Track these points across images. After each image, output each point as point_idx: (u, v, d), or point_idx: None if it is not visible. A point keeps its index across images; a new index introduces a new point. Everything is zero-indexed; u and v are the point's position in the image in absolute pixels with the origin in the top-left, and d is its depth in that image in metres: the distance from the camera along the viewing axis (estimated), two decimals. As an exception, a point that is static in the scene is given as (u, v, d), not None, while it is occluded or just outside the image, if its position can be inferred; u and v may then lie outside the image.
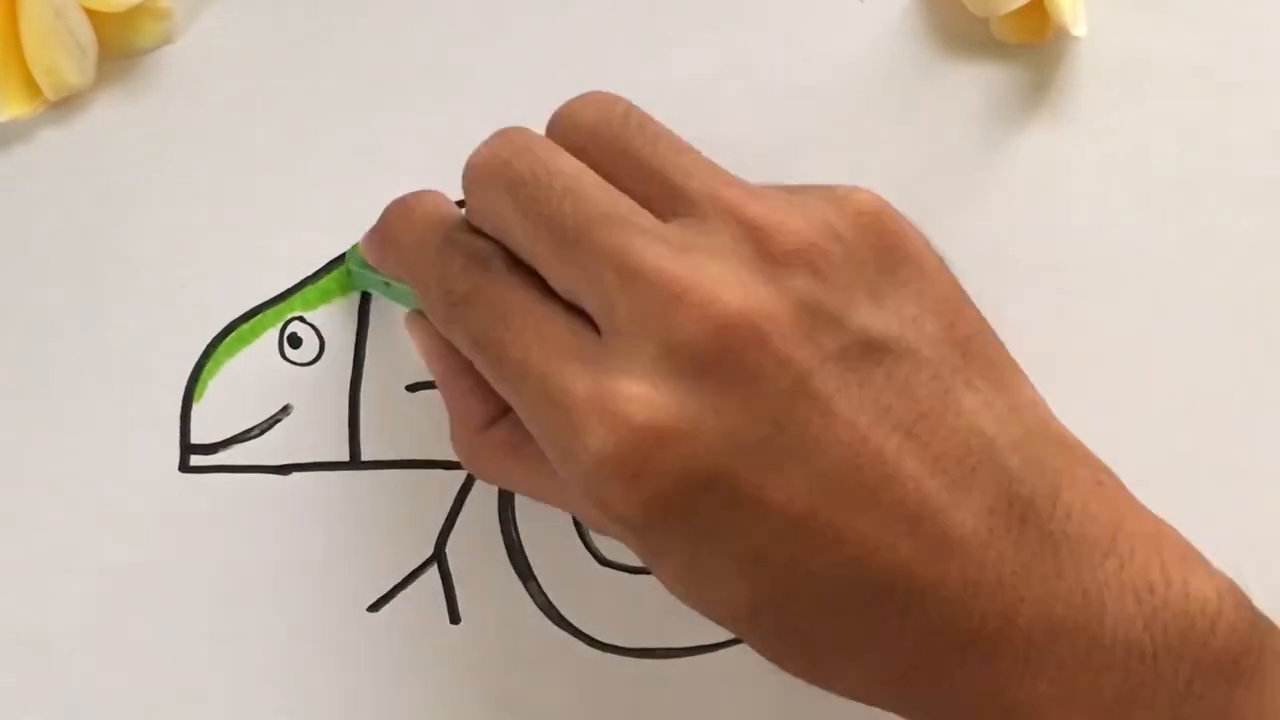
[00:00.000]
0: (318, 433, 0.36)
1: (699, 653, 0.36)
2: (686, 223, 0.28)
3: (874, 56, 0.37)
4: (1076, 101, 0.37)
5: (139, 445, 0.36)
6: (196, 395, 0.36)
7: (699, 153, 0.30)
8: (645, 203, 0.29)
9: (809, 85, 0.37)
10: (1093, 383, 0.36)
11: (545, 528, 0.36)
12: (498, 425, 0.32)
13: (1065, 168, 0.37)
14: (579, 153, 0.30)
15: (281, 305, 0.36)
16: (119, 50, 0.36)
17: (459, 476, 0.36)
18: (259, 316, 0.36)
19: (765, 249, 0.27)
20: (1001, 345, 0.30)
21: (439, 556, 0.36)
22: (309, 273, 0.37)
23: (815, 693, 0.36)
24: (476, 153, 0.30)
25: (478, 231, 0.30)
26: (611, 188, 0.29)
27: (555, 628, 0.36)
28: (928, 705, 0.28)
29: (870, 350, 0.27)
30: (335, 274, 0.36)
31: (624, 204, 0.28)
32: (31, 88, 0.36)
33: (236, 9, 0.37)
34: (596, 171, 0.29)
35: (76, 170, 0.36)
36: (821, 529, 0.26)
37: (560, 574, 0.36)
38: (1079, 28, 0.35)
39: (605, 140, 0.30)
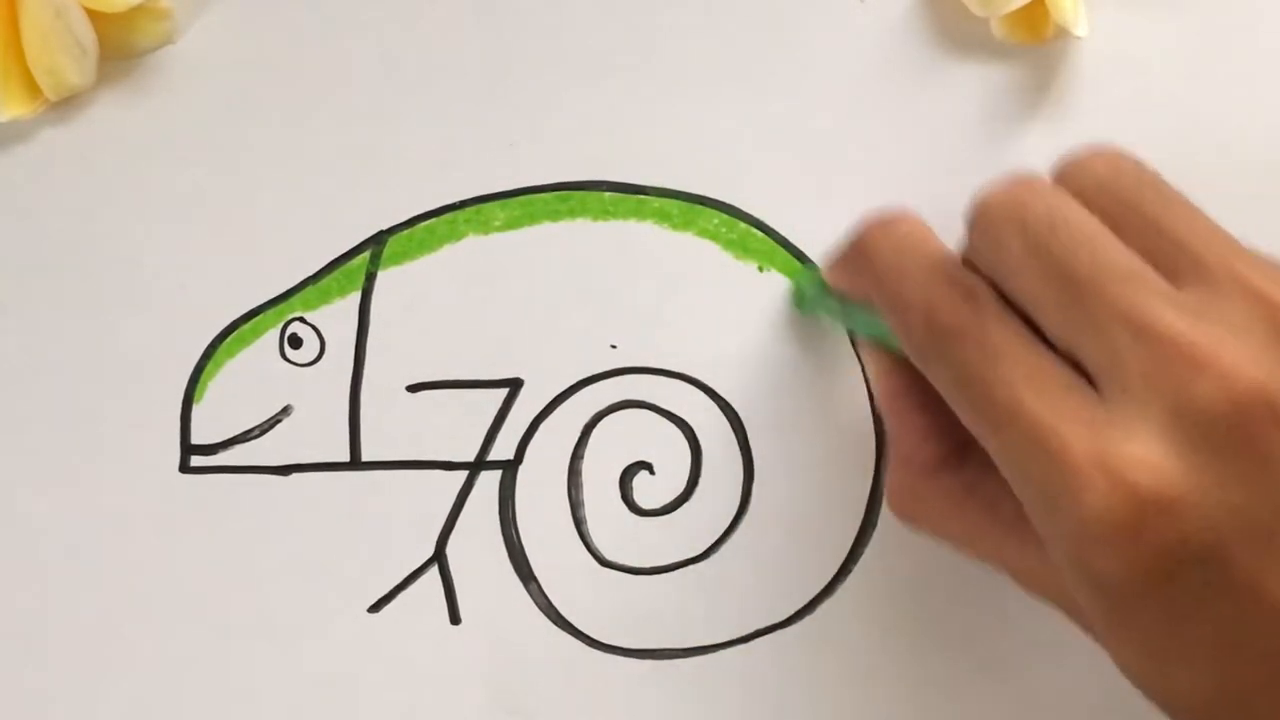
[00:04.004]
0: (318, 433, 0.36)
1: (699, 653, 0.36)
2: (1199, 291, 0.27)
3: (874, 56, 0.37)
4: (1077, 101, 0.37)
5: (139, 445, 0.36)
6: (196, 395, 0.36)
7: (1211, 218, 0.29)
8: (1154, 263, 0.28)
9: (809, 85, 0.37)
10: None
11: (545, 528, 0.36)
12: (944, 470, 0.32)
13: (1065, 168, 0.37)
14: (1087, 203, 0.29)
15: (281, 305, 0.37)
16: (119, 50, 0.36)
17: (459, 476, 0.36)
18: (259, 316, 0.36)
19: None
20: None
21: (439, 556, 0.36)
22: (309, 273, 0.37)
23: (814, 694, 0.36)
24: (990, 191, 0.30)
25: (966, 265, 0.30)
26: (1126, 248, 0.28)
27: (555, 628, 0.36)
28: None
29: None
30: (338, 273, 0.37)
31: (1140, 263, 0.28)
32: (32, 88, 0.36)
33: (236, 9, 0.37)
34: (1105, 221, 0.29)
35: (76, 170, 0.36)
36: None
37: (560, 574, 0.36)
38: (1080, 28, 0.35)
39: (1116, 194, 0.29)
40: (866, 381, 0.36)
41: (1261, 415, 0.25)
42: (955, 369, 0.28)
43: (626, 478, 0.36)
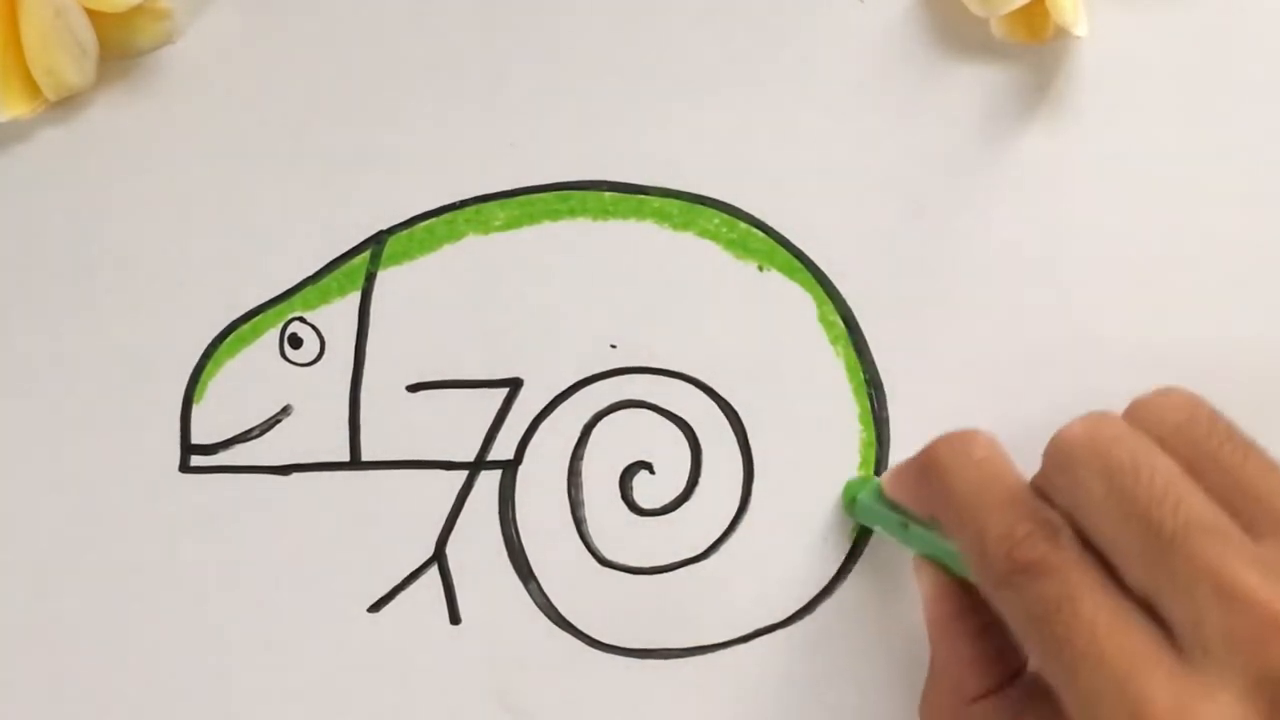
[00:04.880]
0: (318, 433, 0.36)
1: (699, 653, 0.36)
2: (1279, 547, 0.27)
3: (874, 56, 0.37)
4: (1076, 101, 0.37)
5: (139, 445, 0.36)
6: (196, 395, 0.36)
7: None
8: (1230, 513, 0.28)
9: (809, 85, 0.37)
10: (1093, 383, 0.36)
11: (545, 528, 0.36)
12: (987, 701, 0.32)
13: (1065, 168, 0.37)
14: (1164, 447, 0.29)
15: (281, 305, 0.37)
16: (119, 50, 0.36)
17: (459, 476, 0.36)
18: (259, 316, 0.36)
19: None
20: None
21: (439, 556, 0.36)
22: (309, 273, 0.37)
23: (814, 694, 0.36)
24: (1070, 429, 0.30)
25: (1045, 497, 0.30)
26: (1208, 499, 0.28)
27: (555, 628, 0.36)
28: None
29: None
30: (338, 273, 0.37)
31: (1222, 517, 0.28)
32: (32, 88, 0.36)
33: (236, 9, 0.37)
34: (1182, 470, 0.29)
35: (76, 170, 0.36)
36: None
37: (560, 574, 0.36)
38: (1079, 28, 0.35)
39: (1193, 441, 0.29)
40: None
41: None
42: (1033, 605, 0.28)
43: (626, 478, 0.36)
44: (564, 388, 0.36)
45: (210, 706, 0.36)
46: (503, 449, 0.36)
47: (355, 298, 0.37)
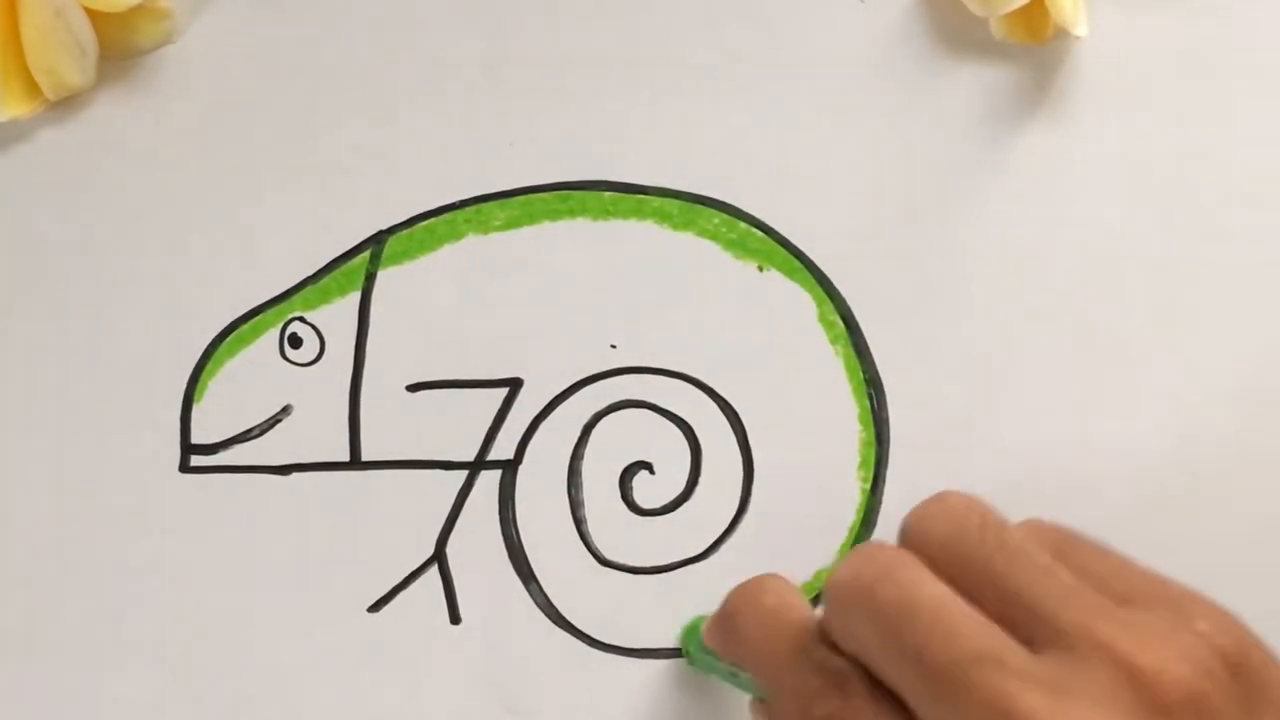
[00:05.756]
0: (318, 433, 0.36)
1: (699, 653, 0.36)
2: (1058, 658, 0.27)
3: (874, 56, 0.37)
4: (1076, 101, 0.37)
5: (139, 445, 0.36)
6: (196, 395, 0.36)
7: (1059, 569, 0.28)
8: (1008, 626, 0.28)
9: (809, 85, 0.37)
10: (1092, 383, 0.36)
11: (545, 528, 0.36)
12: None
13: (1065, 168, 0.37)
14: (934, 566, 0.29)
15: (281, 305, 0.37)
16: (119, 50, 0.36)
17: (459, 476, 0.36)
18: (259, 316, 0.36)
19: (1147, 698, 0.26)
20: None
21: (439, 556, 0.36)
22: (309, 273, 0.37)
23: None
24: (839, 572, 0.29)
25: (832, 643, 0.30)
26: (978, 617, 0.28)
27: (555, 628, 0.36)
28: None
29: None
30: (338, 273, 0.37)
31: (994, 638, 0.27)
32: (31, 88, 0.36)
33: (236, 9, 0.37)
34: (953, 586, 0.28)
35: (76, 170, 0.36)
36: None
37: (560, 574, 0.36)
38: (1079, 28, 0.35)
39: (961, 555, 0.29)
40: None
41: None
42: None
43: (626, 478, 0.36)
44: (564, 388, 0.36)
45: (210, 706, 0.36)
46: (503, 449, 0.36)
47: (355, 298, 0.37)
